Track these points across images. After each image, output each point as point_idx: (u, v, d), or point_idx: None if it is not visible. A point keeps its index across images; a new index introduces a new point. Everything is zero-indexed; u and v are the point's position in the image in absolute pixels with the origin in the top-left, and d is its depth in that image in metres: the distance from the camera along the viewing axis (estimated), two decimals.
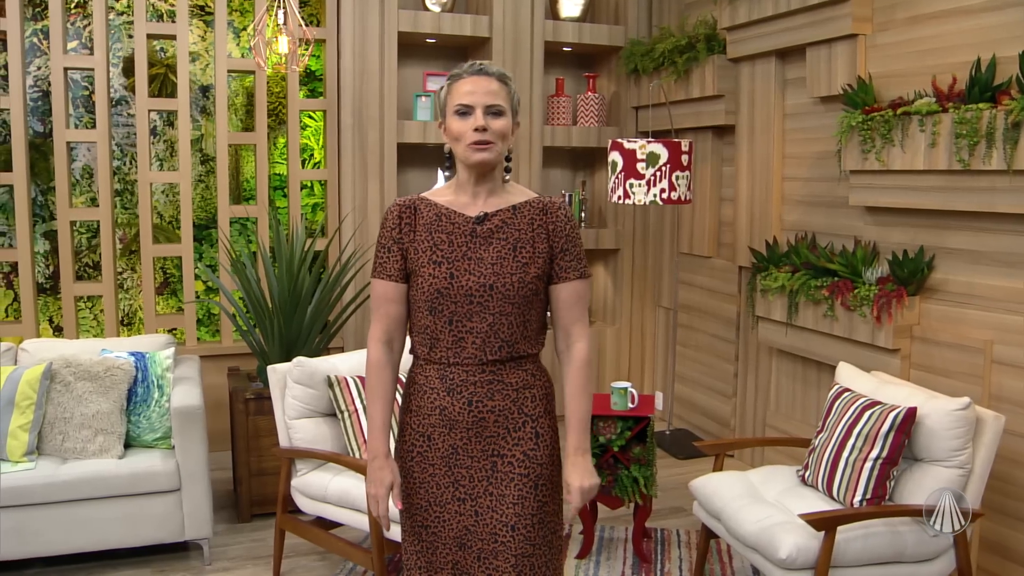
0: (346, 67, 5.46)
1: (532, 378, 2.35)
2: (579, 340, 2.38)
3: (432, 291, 2.28)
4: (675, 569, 4.02)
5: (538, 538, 2.31)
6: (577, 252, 2.35)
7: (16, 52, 5.00)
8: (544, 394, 2.38)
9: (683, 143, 4.91)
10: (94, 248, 5.66)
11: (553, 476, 2.36)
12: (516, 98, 2.32)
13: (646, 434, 4.00)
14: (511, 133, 2.28)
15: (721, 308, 5.52)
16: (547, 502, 2.33)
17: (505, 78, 2.29)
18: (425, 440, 2.35)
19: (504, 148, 2.28)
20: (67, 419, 4.00)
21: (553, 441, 2.37)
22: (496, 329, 2.28)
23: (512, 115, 2.28)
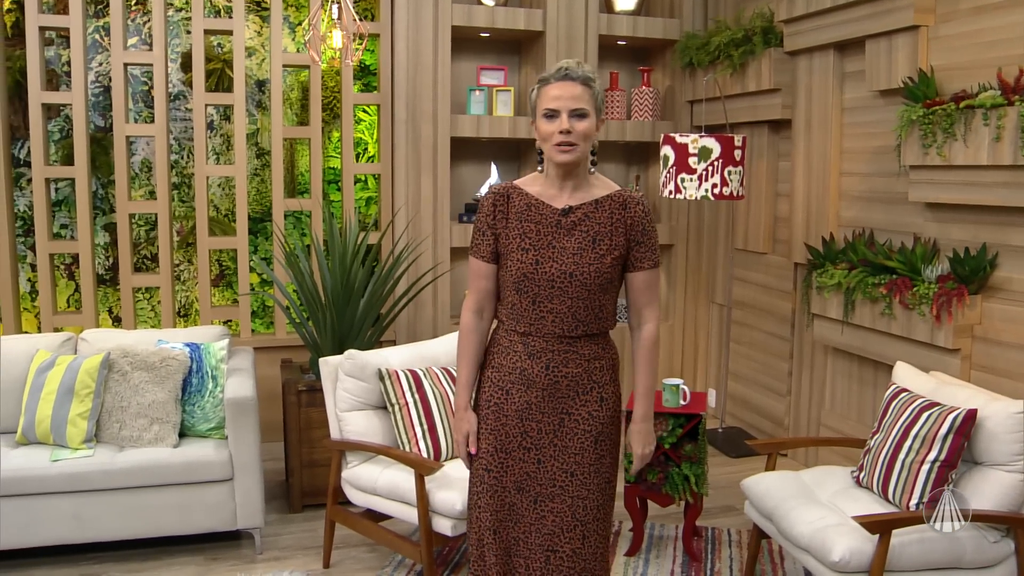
0: (400, 61, 5.48)
1: (602, 351, 2.63)
2: (649, 321, 2.66)
3: (519, 275, 2.56)
4: (725, 569, 3.98)
5: (593, 485, 2.61)
6: (651, 244, 2.59)
7: (78, 49, 5.10)
8: (611, 364, 2.66)
9: (736, 138, 4.84)
10: (152, 240, 5.75)
11: (612, 435, 2.66)
12: (600, 97, 2.53)
13: (698, 432, 3.96)
14: (595, 130, 2.52)
15: (776, 305, 5.44)
16: (604, 455, 2.64)
17: (589, 81, 2.49)
18: (503, 393, 2.64)
19: (588, 146, 2.51)
20: (124, 408, 4.07)
21: (615, 405, 2.67)
22: (574, 311, 2.55)
23: (596, 114, 2.51)
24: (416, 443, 3.69)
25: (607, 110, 6.05)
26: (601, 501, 2.66)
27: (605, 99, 2.67)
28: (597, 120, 2.52)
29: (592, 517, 2.64)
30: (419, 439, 3.70)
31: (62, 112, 5.53)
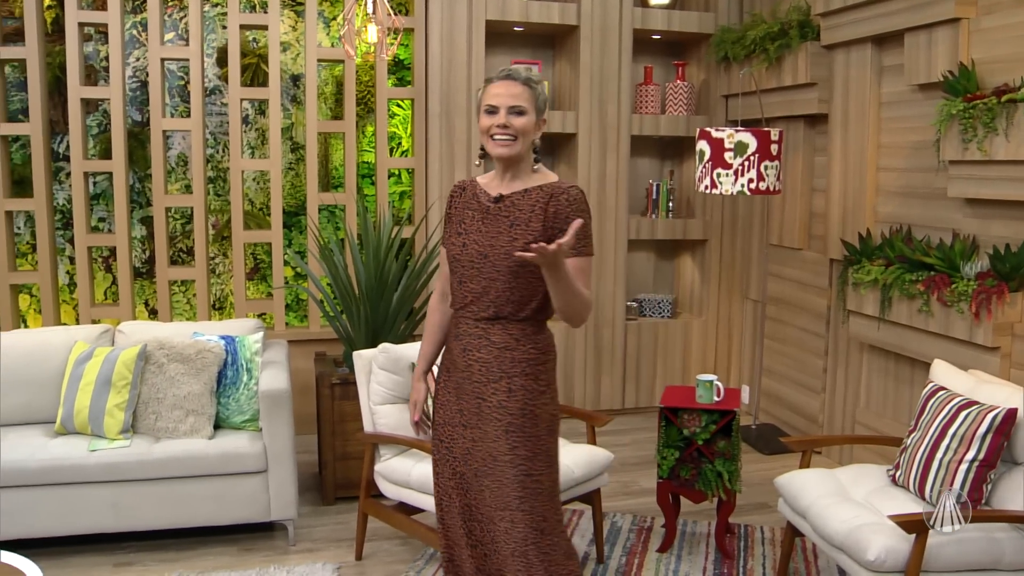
0: (434, 56, 5.49)
1: (515, 341, 2.67)
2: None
3: (451, 256, 2.77)
4: (758, 566, 3.95)
5: (509, 476, 2.64)
6: (579, 233, 2.54)
7: (117, 44, 5.15)
8: (525, 358, 2.67)
9: (772, 132, 4.80)
10: (188, 234, 5.81)
11: (526, 428, 2.65)
12: (543, 99, 2.66)
13: (731, 428, 3.94)
14: (534, 129, 2.64)
15: (811, 301, 5.39)
16: (517, 447, 2.64)
17: (531, 82, 2.63)
18: (445, 372, 2.84)
19: (526, 142, 2.64)
20: (160, 399, 4.11)
21: (528, 399, 2.66)
22: (487, 291, 2.67)
23: (537, 114, 2.64)
24: None
25: (641, 104, 6.02)
26: (521, 494, 2.63)
27: (547, 102, 2.71)
28: (538, 120, 2.65)
29: (516, 507, 2.63)
30: None
31: (100, 107, 5.60)
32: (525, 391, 2.66)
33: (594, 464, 3.79)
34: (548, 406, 2.70)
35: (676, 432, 3.97)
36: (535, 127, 2.65)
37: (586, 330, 5.93)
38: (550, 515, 2.68)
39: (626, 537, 4.23)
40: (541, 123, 2.67)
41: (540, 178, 2.69)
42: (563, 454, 3.80)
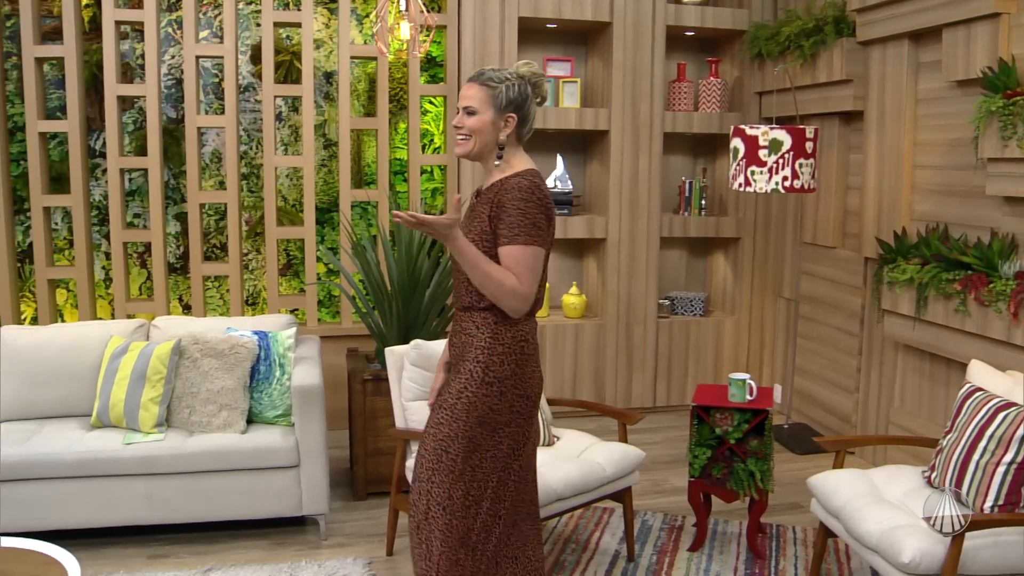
0: (466, 52, 5.49)
1: (476, 329, 2.75)
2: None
3: None
4: (790, 567, 3.92)
5: (428, 446, 2.75)
6: (511, 221, 2.63)
7: (152, 42, 5.20)
8: (480, 346, 2.73)
9: (807, 129, 4.76)
10: (221, 230, 5.85)
11: (455, 407, 2.71)
12: (503, 98, 2.71)
13: (764, 427, 3.91)
14: (492, 127, 2.71)
15: (845, 300, 5.34)
16: (443, 424, 2.72)
17: (488, 82, 2.72)
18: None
19: (482, 140, 2.72)
20: (194, 394, 4.15)
21: (467, 383, 2.71)
22: (459, 281, 2.81)
23: (497, 112, 2.70)
24: None
25: (674, 101, 5.99)
26: (434, 467, 2.72)
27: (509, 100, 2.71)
28: (498, 118, 2.71)
29: (426, 479, 2.74)
30: None
31: (136, 104, 5.65)
32: (469, 376, 2.71)
33: (625, 462, 3.78)
34: (489, 398, 2.70)
35: (708, 431, 3.95)
36: (492, 125, 2.71)
37: (617, 328, 5.91)
38: (458, 498, 2.71)
39: (657, 536, 4.22)
40: (504, 121, 2.72)
41: (509, 171, 2.74)
42: (595, 452, 3.81)
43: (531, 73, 2.78)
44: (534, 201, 2.65)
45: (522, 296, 2.64)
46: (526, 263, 2.64)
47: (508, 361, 2.71)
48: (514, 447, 2.77)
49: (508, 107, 2.71)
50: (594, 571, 3.87)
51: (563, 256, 6.25)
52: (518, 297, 2.64)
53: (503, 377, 2.71)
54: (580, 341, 5.87)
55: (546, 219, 2.69)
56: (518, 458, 2.79)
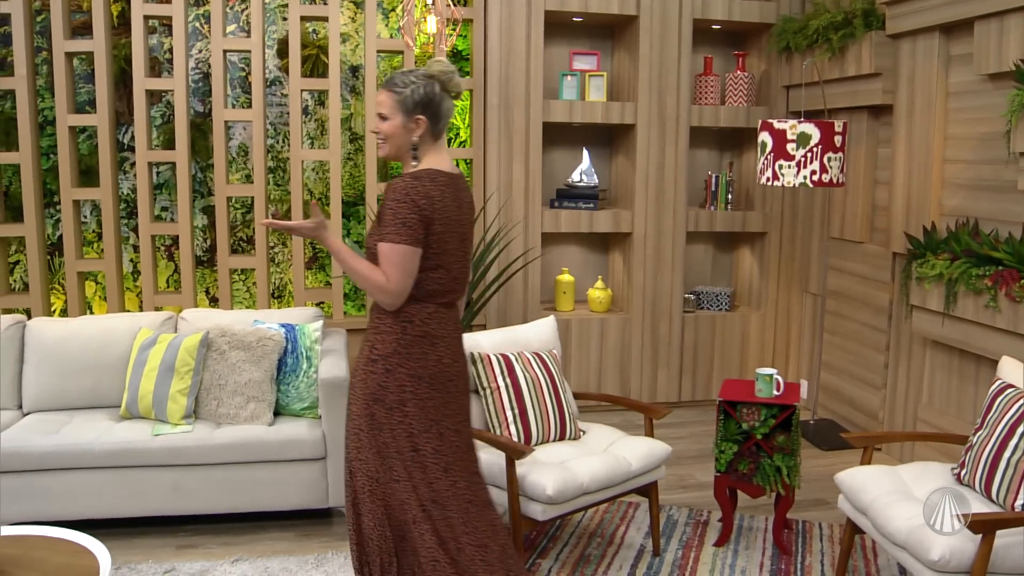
0: (493, 46, 5.49)
1: (377, 323, 2.92)
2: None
3: None
4: (816, 563, 3.90)
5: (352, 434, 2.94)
6: (386, 219, 2.79)
7: (180, 36, 5.24)
8: (372, 327, 2.94)
9: (836, 123, 4.73)
10: (248, 223, 5.88)
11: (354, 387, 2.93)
12: (410, 101, 2.84)
13: (791, 423, 3.89)
14: (403, 130, 2.86)
15: (872, 296, 5.30)
16: (352, 403, 2.94)
17: (393, 87, 2.86)
18: None
19: (395, 143, 2.88)
20: (221, 386, 4.18)
21: (358, 365, 2.93)
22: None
23: (405, 116, 2.84)
24: (507, 427, 3.71)
25: (700, 95, 5.97)
26: (355, 443, 2.94)
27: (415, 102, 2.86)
28: (408, 120, 2.85)
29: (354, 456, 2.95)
30: (510, 423, 3.72)
31: (163, 98, 5.69)
32: (361, 355, 2.95)
33: (652, 457, 3.78)
34: (376, 375, 2.87)
35: (735, 426, 3.94)
36: (404, 128, 2.86)
37: (643, 322, 5.90)
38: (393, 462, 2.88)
39: (682, 531, 4.21)
40: (414, 122, 2.86)
41: (413, 170, 2.88)
42: (621, 446, 3.81)
43: (440, 71, 2.89)
44: (406, 202, 2.78)
45: (390, 291, 2.81)
46: (392, 260, 2.79)
47: (390, 340, 2.87)
48: (420, 429, 2.88)
49: (416, 109, 2.85)
50: (619, 565, 3.86)
51: (588, 250, 6.24)
52: (385, 292, 2.81)
53: (387, 355, 2.87)
54: (605, 335, 5.87)
55: (419, 219, 2.79)
56: (428, 441, 2.89)
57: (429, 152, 2.92)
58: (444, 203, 2.85)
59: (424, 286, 2.88)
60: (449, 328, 2.98)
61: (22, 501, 3.88)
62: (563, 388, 3.95)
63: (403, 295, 2.83)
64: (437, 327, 2.93)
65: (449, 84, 2.91)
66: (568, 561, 3.89)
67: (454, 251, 2.92)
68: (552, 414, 3.83)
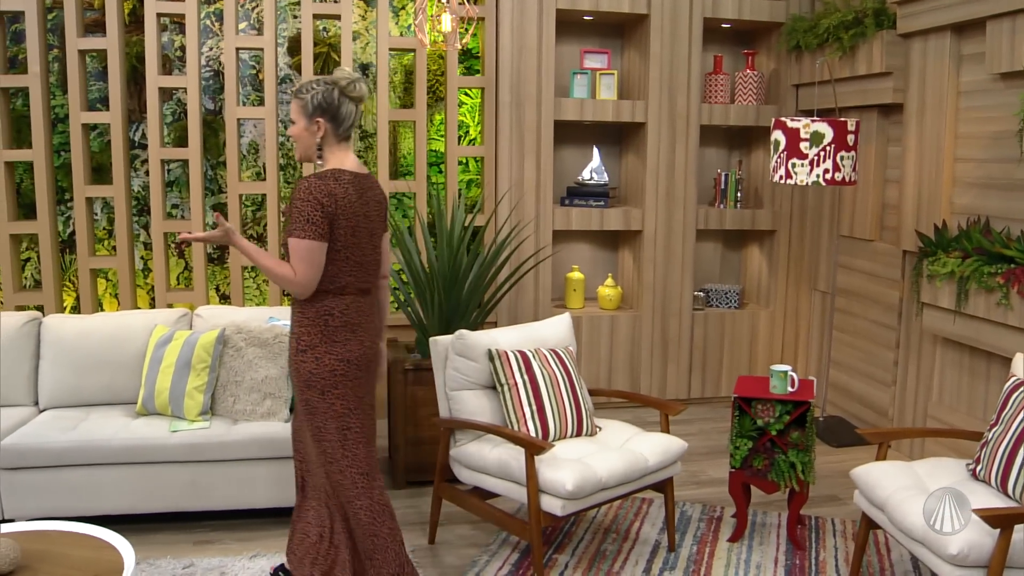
0: (504, 45, 5.51)
1: (300, 316, 3.14)
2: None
3: None
4: (830, 558, 3.93)
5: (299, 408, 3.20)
6: (292, 216, 3.02)
7: (193, 34, 5.25)
8: (295, 320, 3.15)
9: (849, 122, 4.75)
10: (258, 220, 5.90)
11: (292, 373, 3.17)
12: (311, 106, 3.09)
13: (805, 419, 3.92)
14: (306, 133, 3.12)
15: (882, 293, 5.33)
16: (297, 387, 3.16)
17: (297, 94, 3.12)
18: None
19: (302, 145, 3.15)
20: (238, 383, 4.20)
21: (290, 353, 3.17)
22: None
23: (306, 119, 3.10)
24: (525, 423, 3.73)
25: (710, 93, 5.99)
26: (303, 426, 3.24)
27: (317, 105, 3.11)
28: (310, 124, 3.10)
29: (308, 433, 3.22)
30: (527, 419, 3.74)
31: (174, 96, 5.70)
32: (289, 347, 3.18)
33: (669, 453, 3.80)
34: (307, 364, 3.11)
35: (749, 422, 3.97)
36: (307, 131, 3.12)
37: (653, 320, 5.93)
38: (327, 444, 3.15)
39: (696, 526, 4.24)
40: (315, 126, 3.11)
41: (320, 170, 3.12)
42: (638, 442, 3.83)
43: (342, 78, 3.13)
44: (310, 200, 2.99)
45: (297, 283, 3.04)
46: (299, 254, 3.01)
47: (314, 332, 3.10)
48: (349, 407, 3.15)
49: (316, 112, 3.10)
50: (635, 560, 3.89)
51: (598, 248, 6.27)
52: (293, 284, 3.05)
53: (313, 345, 3.10)
54: (616, 332, 5.89)
55: (322, 215, 3.00)
56: (357, 416, 3.18)
57: (334, 152, 3.15)
58: (348, 200, 3.06)
59: (339, 280, 3.12)
60: (366, 314, 3.22)
61: (40, 497, 3.90)
62: (579, 385, 3.97)
63: (311, 285, 3.06)
64: (356, 315, 3.17)
65: (350, 89, 3.14)
66: (584, 556, 3.92)
67: (364, 244, 3.16)
68: (569, 410, 3.85)
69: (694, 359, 6.07)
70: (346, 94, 3.13)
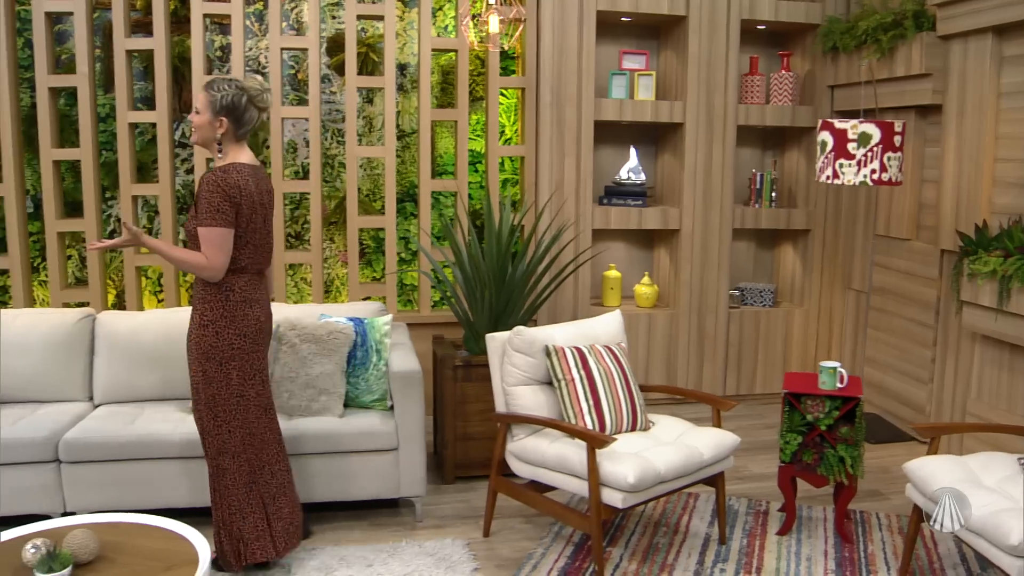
0: (545, 45, 5.58)
1: (203, 293, 3.46)
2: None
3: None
4: (878, 551, 3.99)
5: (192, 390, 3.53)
6: (201, 207, 3.34)
7: (239, 34, 5.32)
8: (198, 298, 3.48)
9: (896, 123, 4.81)
10: (296, 219, 5.97)
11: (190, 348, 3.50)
12: (218, 103, 3.39)
13: (855, 414, 3.98)
14: (208, 125, 3.42)
15: (919, 292, 5.39)
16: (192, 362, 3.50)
17: (209, 88, 3.41)
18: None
19: (200, 134, 3.45)
20: (292, 378, 4.26)
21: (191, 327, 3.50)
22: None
23: (212, 114, 3.40)
24: (582, 417, 3.80)
25: (746, 94, 6.06)
26: (194, 397, 3.54)
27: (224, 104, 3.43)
28: (214, 119, 3.41)
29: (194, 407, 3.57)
30: (585, 414, 3.80)
31: None
32: (192, 322, 3.49)
33: (722, 447, 3.86)
34: (208, 337, 3.44)
35: (799, 417, 4.03)
36: (210, 124, 3.42)
37: (690, 317, 5.99)
38: (209, 420, 3.52)
39: (744, 520, 4.30)
40: (218, 122, 3.41)
41: (225, 163, 3.43)
42: (692, 437, 3.89)
43: (252, 87, 3.44)
44: (218, 191, 3.33)
45: (210, 268, 3.37)
46: (210, 240, 3.35)
47: (216, 307, 3.43)
48: (244, 377, 3.50)
49: (221, 111, 3.40)
50: (688, 553, 3.95)
51: (634, 247, 6.33)
52: (207, 269, 3.37)
53: (214, 319, 3.43)
54: (652, 330, 5.96)
55: (230, 204, 3.34)
56: (252, 387, 3.53)
57: (233, 149, 3.48)
58: (248, 190, 3.40)
59: (239, 261, 3.46)
60: (261, 292, 3.58)
61: (101, 490, 3.95)
62: (633, 381, 4.03)
63: (223, 269, 3.39)
64: (253, 292, 3.52)
65: (256, 99, 3.46)
66: (637, 549, 3.98)
67: (259, 229, 3.50)
68: (624, 406, 3.92)
69: (730, 357, 6.13)
70: (253, 102, 3.45)
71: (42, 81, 5.19)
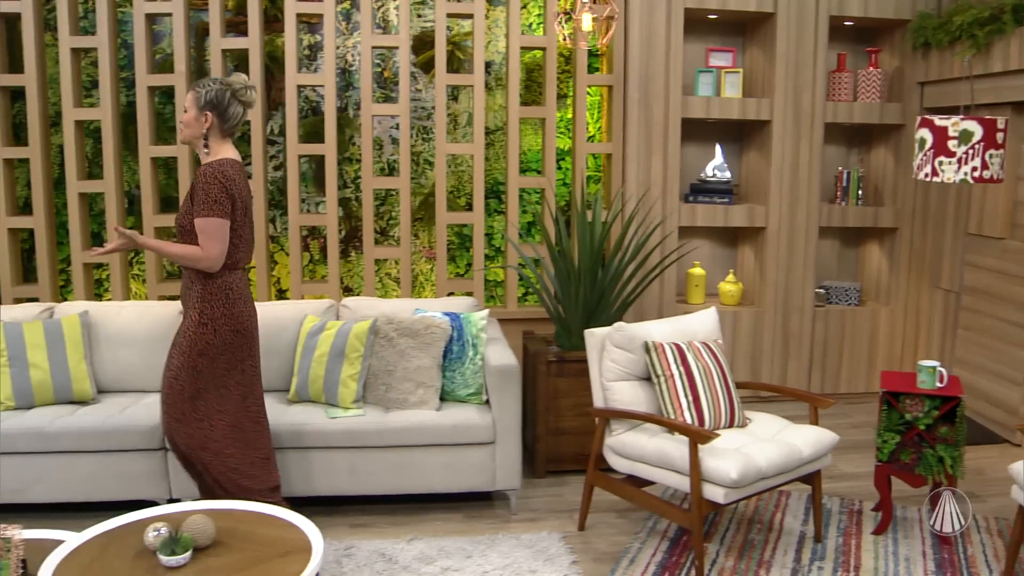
0: (634, 42, 5.59)
1: (192, 283, 3.56)
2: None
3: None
4: (978, 552, 3.95)
5: (166, 377, 3.60)
6: (199, 199, 3.44)
7: (331, 33, 5.42)
8: (198, 296, 3.54)
9: (999, 120, 4.74)
10: (381, 215, 6.05)
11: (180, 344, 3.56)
12: (203, 100, 3.52)
13: (955, 414, 3.94)
14: (194, 122, 3.53)
15: (1013, 292, 5.30)
16: (173, 357, 3.59)
17: (194, 87, 3.54)
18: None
19: (188, 131, 3.55)
20: (390, 372, 4.34)
21: (187, 325, 3.55)
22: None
23: (197, 111, 3.52)
24: (681, 413, 3.82)
25: (833, 91, 6.01)
26: (167, 391, 3.60)
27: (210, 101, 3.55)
28: (200, 115, 3.52)
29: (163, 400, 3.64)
30: (684, 409, 3.82)
31: (301, 93, 5.86)
32: (190, 320, 3.55)
33: (821, 444, 3.85)
34: (205, 335, 3.52)
35: (897, 416, 4.00)
36: (196, 121, 3.53)
37: (775, 315, 5.97)
38: (190, 412, 3.58)
39: (838, 519, 4.28)
40: (204, 118, 3.52)
41: (212, 158, 3.52)
42: (790, 434, 3.88)
43: (236, 83, 3.54)
44: (215, 183, 3.44)
45: (209, 259, 3.47)
46: (208, 231, 3.45)
47: (217, 305, 3.52)
48: (229, 367, 3.59)
49: (206, 107, 3.52)
50: (784, 550, 3.95)
51: (718, 244, 6.32)
52: (204, 260, 3.47)
53: (215, 318, 3.52)
54: (737, 328, 5.94)
55: (227, 196, 3.46)
56: (234, 375, 3.62)
57: (220, 144, 3.57)
58: (239, 184, 3.52)
59: (233, 255, 3.56)
60: (248, 287, 3.69)
61: None
62: (730, 377, 4.04)
63: (220, 260, 3.49)
64: (244, 288, 3.64)
65: (241, 94, 3.56)
66: (733, 546, 3.99)
67: (248, 223, 3.61)
68: (723, 401, 3.93)
69: (814, 355, 6.10)
70: (237, 98, 3.55)
71: (142, 80, 5.34)
